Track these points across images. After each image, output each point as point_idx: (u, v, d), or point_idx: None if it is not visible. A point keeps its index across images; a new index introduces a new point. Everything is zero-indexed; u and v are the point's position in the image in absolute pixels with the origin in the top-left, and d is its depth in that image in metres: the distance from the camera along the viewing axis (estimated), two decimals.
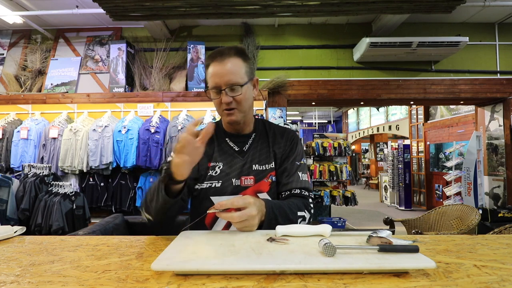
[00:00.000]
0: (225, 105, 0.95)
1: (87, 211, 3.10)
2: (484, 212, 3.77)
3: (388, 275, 0.52)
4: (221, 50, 0.97)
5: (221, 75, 0.93)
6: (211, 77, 0.95)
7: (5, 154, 3.65)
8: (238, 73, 0.94)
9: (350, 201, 4.58)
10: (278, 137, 1.07)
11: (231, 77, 0.93)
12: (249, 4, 3.02)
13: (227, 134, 1.06)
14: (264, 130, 1.09)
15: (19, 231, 0.85)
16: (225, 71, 0.93)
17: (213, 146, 1.04)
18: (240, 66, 0.96)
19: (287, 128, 1.12)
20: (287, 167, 1.02)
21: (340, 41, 4.13)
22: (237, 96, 0.95)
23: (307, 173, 1.06)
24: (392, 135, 10.53)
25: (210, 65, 0.96)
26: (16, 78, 4.07)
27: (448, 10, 3.10)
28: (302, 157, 1.06)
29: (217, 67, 0.94)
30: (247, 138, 1.06)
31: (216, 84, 0.94)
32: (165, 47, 3.95)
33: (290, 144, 1.06)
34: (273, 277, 0.52)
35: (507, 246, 0.71)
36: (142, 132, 3.49)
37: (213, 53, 0.97)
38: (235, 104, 0.96)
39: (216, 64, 0.94)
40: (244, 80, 0.96)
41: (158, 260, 0.54)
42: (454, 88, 4.03)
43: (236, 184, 0.99)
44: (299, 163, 1.04)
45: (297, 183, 1.00)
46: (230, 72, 0.93)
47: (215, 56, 0.95)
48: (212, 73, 0.95)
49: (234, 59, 0.95)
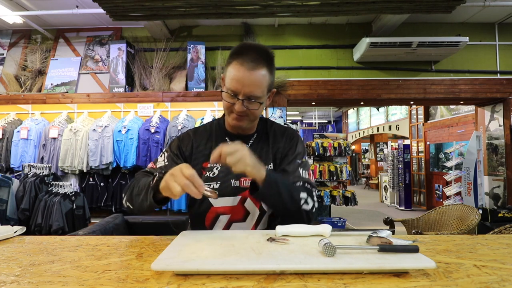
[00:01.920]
0: (236, 112, 0.91)
1: (87, 211, 3.10)
2: (484, 212, 3.77)
3: (388, 275, 0.52)
4: (252, 53, 0.87)
5: (244, 84, 0.87)
6: (232, 80, 0.88)
7: (5, 154, 3.65)
8: (261, 86, 0.89)
9: (350, 201, 4.58)
10: (278, 136, 1.04)
11: (253, 90, 0.87)
12: (249, 4, 3.02)
13: (228, 134, 1.03)
14: (265, 130, 1.06)
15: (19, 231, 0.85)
16: (249, 81, 0.86)
17: (210, 145, 1.00)
18: (266, 80, 0.89)
19: (288, 127, 1.08)
20: (288, 165, 0.98)
21: (340, 41, 4.13)
22: (252, 110, 0.91)
23: (310, 171, 1.01)
24: (392, 135, 10.53)
25: (235, 65, 0.88)
26: (16, 78, 4.07)
27: (448, 10, 3.10)
28: (303, 155, 1.02)
29: (243, 73, 0.86)
30: (248, 139, 1.02)
31: (236, 90, 0.88)
32: (165, 47, 3.95)
33: (290, 142, 1.03)
34: (273, 277, 0.52)
35: (507, 246, 0.71)
36: (142, 132, 3.49)
37: (242, 50, 0.89)
38: (247, 113, 0.91)
39: (242, 70, 0.86)
40: (264, 94, 0.91)
41: (158, 260, 0.54)
42: (454, 88, 4.03)
43: (235, 185, 0.96)
44: (300, 161, 0.99)
45: (299, 179, 0.95)
46: (254, 84, 0.87)
47: (245, 59, 0.86)
48: (234, 77, 0.87)
49: (262, 70, 0.88)
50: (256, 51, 0.88)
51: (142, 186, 0.86)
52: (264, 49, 0.91)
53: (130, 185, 0.93)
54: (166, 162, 0.99)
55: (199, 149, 1.01)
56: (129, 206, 0.91)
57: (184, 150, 1.01)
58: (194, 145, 1.02)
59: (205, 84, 3.85)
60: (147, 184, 0.84)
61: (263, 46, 0.92)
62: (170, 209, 3.55)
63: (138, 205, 0.87)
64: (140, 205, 0.86)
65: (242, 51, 0.88)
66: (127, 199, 0.92)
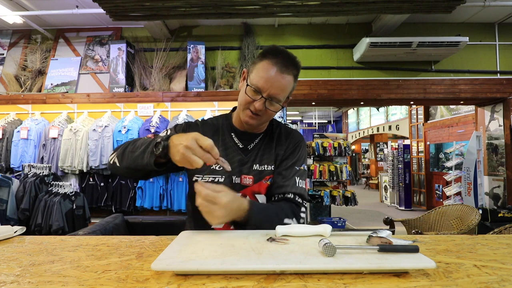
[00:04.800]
0: (254, 109, 0.92)
1: (87, 211, 3.10)
2: (484, 212, 3.77)
3: (388, 275, 0.52)
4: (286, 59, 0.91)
5: (272, 85, 0.89)
6: (261, 78, 0.90)
7: (5, 154, 3.65)
8: (286, 91, 0.92)
9: (350, 201, 4.58)
10: (283, 138, 1.04)
11: (279, 92, 0.90)
12: (249, 4, 3.02)
13: (234, 129, 1.04)
14: (271, 131, 1.06)
15: (19, 231, 0.85)
16: (278, 83, 0.89)
17: (216, 139, 1.00)
18: (291, 86, 0.93)
19: (294, 130, 1.09)
20: (285, 170, 0.98)
21: (340, 41, 4.13)
22: (270, 110, 0.93)
23: (305, 180, 1.03)
24: (392, 135, 10.53)
25: (268, 64, 0.90)
26: (16, 78, 4.07)
27: (448, 10, 3.11)
28: (303, 163, 1.02)
29: (274, 74, 0.89)
30: (254, 137, 1.03)
31: (262, 87, 0.89)
32: (165, 47, 3.95)
33: (293, 146, 1.03)
34: (273, 277, 0.52)
35: (507, 246, 0.71)
36: (142, 132, 3.49)
37: (277, 52, 0.91)
38: (263, 112, 0.93)
39: (275, 70, 0.89)
40: (284, 99, 0.94)
41: (158, 260, 0.54)
42: (454, 88, 4.03)
43: (236, 181, 0.97)
44: (298, 168, 1.00)
45: (293, 188, 0.95)
46: (281, 87, 0.90)
47: (279, 61, 0.89)
48: (264, 75, 0.89)
49: (291, 77, 0.92)
50: (289, 57, 0.92)
51: (139, 145, 0.83)
52: (295, 57, 0.94)
53: (123, 144, 0.90)
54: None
55: None
56: (116, 162, 0.87)
57: None
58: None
59: (205, 84, 3.85)
60: (146, 143, 0.81)
61: (293, 55, 0.95)
62: (170, 209, 3.55)
63: (129, 162, 0.83)
64: (132, 162, 0.82)
65: (277, 53, 0.91)
66: (116, 155, 0.88)
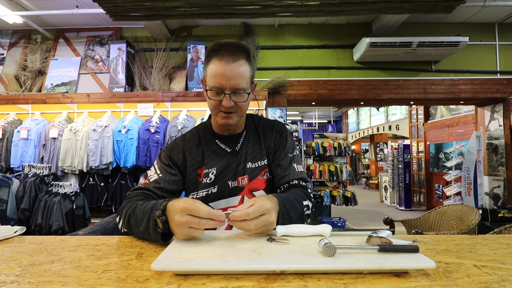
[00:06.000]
0: (224, 108, 0.89)
1: (87, 211, 3.10)
2: (484, 212, 3.77)
3: (388, 275, 0.52)
4: (229, 48, 0.87)
5: (228, 78, 0.85)
6: (215, 77, 0.86)
7: (5, 154, 3.65)
8: (244, 77, 0.88)
9: (350, 201, 4.58)
10: (267, 131, 1.05)
11: (239, 82, 0.86)
12: (249, 4, 3.02)
13: (217, 136, 1.02)
14: (254, 126, 1.06)
15: (19, 231, 0.85)
16: (233, 74, 0.85)
17: (201, 150, 0.99)
18: (247, 71, 0.89)
19: (275, 121, 1.09)
20: (281, 160, 1.00)
21: (340, 41, 4.13)
22: (240, 102, 0.90)
23: (302, 163, 1.05)
24: (392, 135, 10.53)
25: (215, 62, 0.87)
26: (16, 78, 4.07)
27: (448, 10, 3.11)
28: (294, 148, 1.04)
29: (225, 67, 0.85)
30: (238, 137, 1.02)
31: (221, 86, 0.87)
32: (165, 47, 3.95)
33: (280, 136, 1.04)
34: (273, 277, 0.52)
35: (507, 246, 0.71)
36: (142, 132, 3.49)
37: (219, 47, 0.88)
38: (235, 108, 0.90)
39: (223, 64, 0.85)
40: (248, 86, 0.91)
41: (158, 260, 0.54)
42: (454, 88, 4.03)
43: (232, 186, 0.97)
44: (291, 155, 1.02)
45: (294, 175, 0.98)
46: (239, 76, 0.86)
47: (223, 54, 0.86)
48: (217, 72, 0.86)
49: (243, 61, 0.88)
50: (232, 45, 0.89)
51: (139, 217, 0.77)
52: (239, 43, 0.91)
53: (125, 211, 0.83)
54: (160, 174, 0.95)
55: (192, 156, 0.99)
56: (127, 232, 0.83)
57: (176, 159, 0.98)
58: (186, 153, 0.99)
59: (202, 82, 3.84)
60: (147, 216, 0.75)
61: (237, 41, 0.92)
62: None
63: (139, 236, 0.79)
64: (141, 236, 0.78)
65: (219, 48, 0.88)
66: (124, 227, 0.83)
